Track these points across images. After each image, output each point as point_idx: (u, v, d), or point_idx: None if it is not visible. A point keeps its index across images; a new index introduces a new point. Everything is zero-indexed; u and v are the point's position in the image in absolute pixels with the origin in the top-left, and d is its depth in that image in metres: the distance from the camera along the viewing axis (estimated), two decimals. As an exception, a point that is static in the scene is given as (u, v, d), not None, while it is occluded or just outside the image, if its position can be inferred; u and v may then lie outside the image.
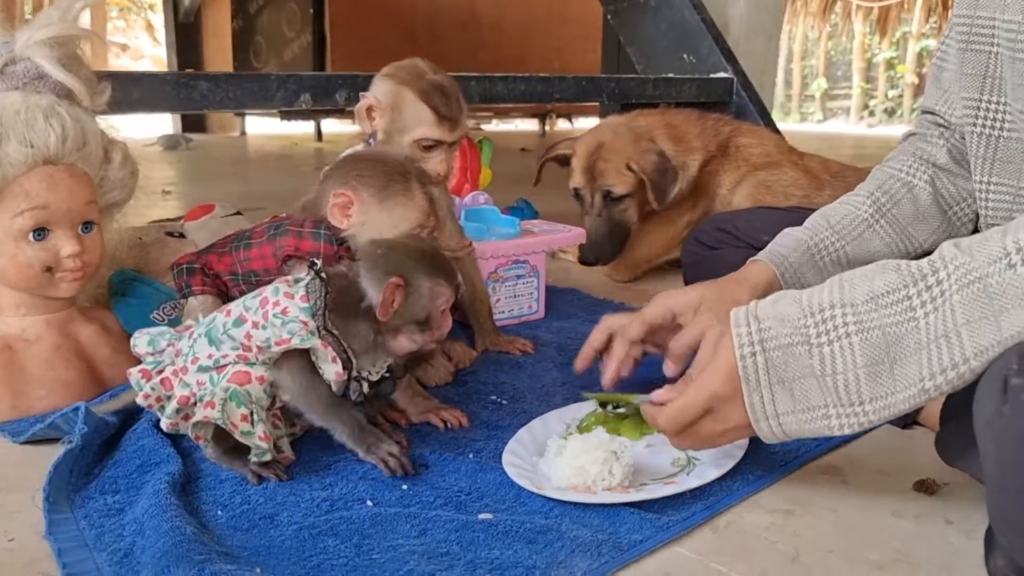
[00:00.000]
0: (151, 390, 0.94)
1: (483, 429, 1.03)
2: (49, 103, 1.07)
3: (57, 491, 0.85)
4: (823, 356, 0.72)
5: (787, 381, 0.75)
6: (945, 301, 0.67)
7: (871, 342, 0.70)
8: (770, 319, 0.75)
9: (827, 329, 0.72)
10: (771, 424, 0.77)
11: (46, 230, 1.07)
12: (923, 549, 0.80)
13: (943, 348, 0.67)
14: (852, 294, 0.72)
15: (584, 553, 0.77)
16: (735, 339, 0.76)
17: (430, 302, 0.93)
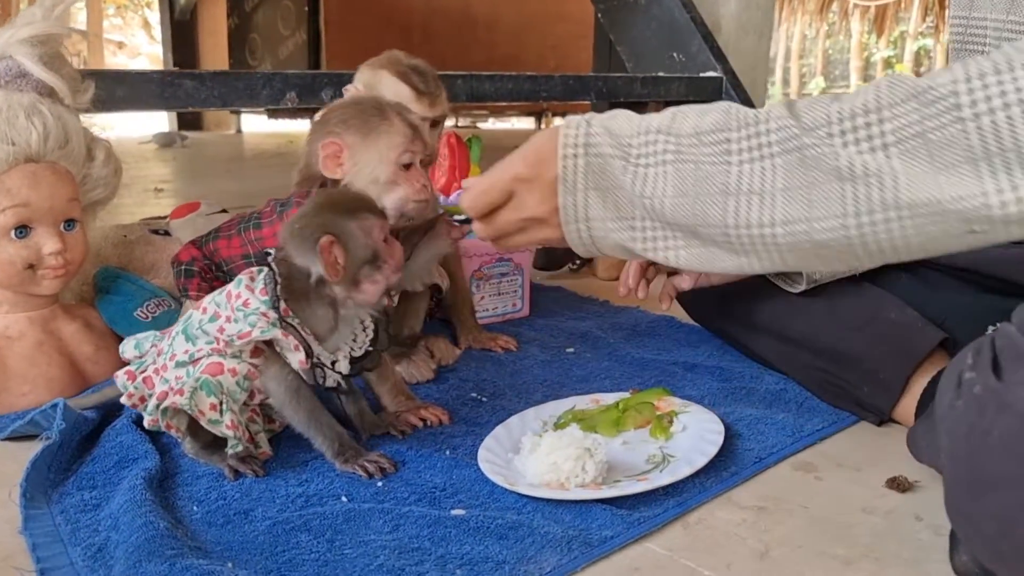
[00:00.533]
0: (135, 389, 0.95)
1: (461, 425, 1.04)
2: (31, 101, 1.08)
3: (34, 487, 0.86)
4: (636, 175, 0.74)
5: (602, 189, 0.77)
6: (764, 157, 0.68)
7: (682, 173, 0.72)
8: (601, 129, 0.77)
9: (647, 152, 0.74)
10: (580, 227, 0.79)
11: (28, 228, 1.07)
12: (891, 545, 0.81)
13: (753, 203, 0.69)
14: (680, 125, 0.73)
15: (554, 549, 0.78)
16: (562, 138, 0.78)
17: (367, 238, 0.92)
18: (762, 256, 0.72)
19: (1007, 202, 0.60)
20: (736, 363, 1.26)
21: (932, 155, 0.62)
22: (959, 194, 0.61)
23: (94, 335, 1.19)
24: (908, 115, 0.63)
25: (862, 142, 0.64)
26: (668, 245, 0.75)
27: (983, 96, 0.60)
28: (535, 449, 0.91)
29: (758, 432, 1.03)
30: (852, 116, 0.65)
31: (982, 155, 0.60)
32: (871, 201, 0.65)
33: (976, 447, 0.55)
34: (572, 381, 1.20)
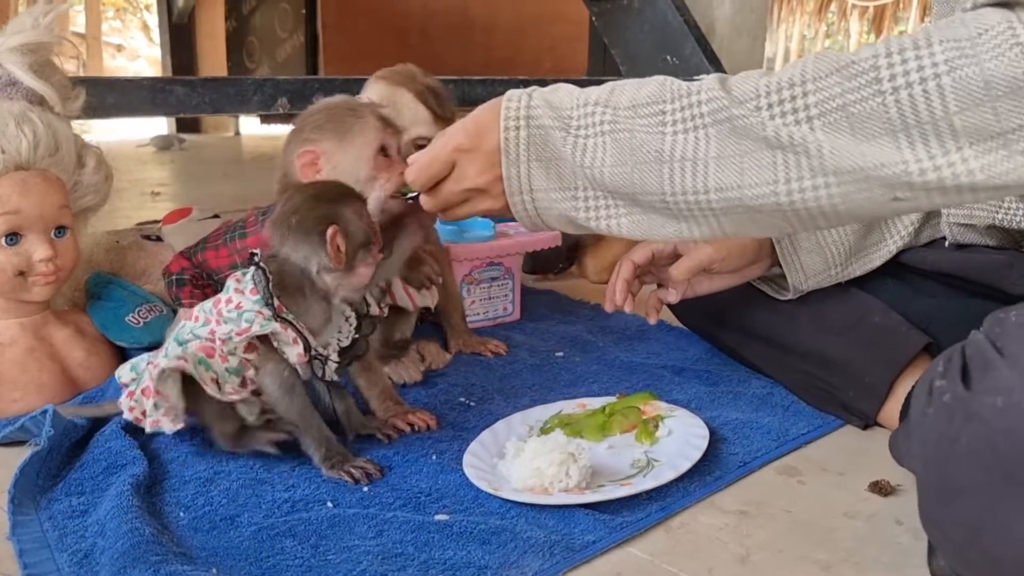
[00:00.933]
0: (135, 404, 0.95)
1: (449, 430, 1.05)
2: (21, 109, 1.08)
3: (23, 493, 0.87)
4: (576, 146, 0.76)
5: (544, 160, 0.79)
6: (698, 128, 0.71)
7: (620, 143, 0.74)
8: (541, 102, 0.78)
9: (587, 123, 0.76)
10: (524, 199, 0.80)
11: (19, 235, 1.08)
12: (871, 549, 0.82)
13: (687, 170, 0.72)
14: (618, 97, 0.76)
15: (536, 553, 0.78)
16: (503, 111, 0.79)
17: (361, 222, 0.94)
18: (700, 222, 0.75)
19: (925, 170, 0.63)
20: (724, 367, 1.27)
21: (854, 127, 0.64)
22: (880, 164, 0.64)
23: (86, 341, 1.20)
24: (831, 88, 0.65)
25: (787, 115, 0.66)
26: (610, 214, 0.78)
27: (902, 71, 0.62)
28: (519, 454, 0.91)
29: (743, 436, 1.03)
30: (778, 89, 0.67)
31: (900, 127, 0.63)
32: (800, 169, 0.67)
33: (945, 455, 0.56)
34: (560, 385, 1.21)
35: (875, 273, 1.15)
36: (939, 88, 0.61)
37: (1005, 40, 0.59)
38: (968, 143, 0.62)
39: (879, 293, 1.15)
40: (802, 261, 1.12)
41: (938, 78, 0.61)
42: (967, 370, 0.57)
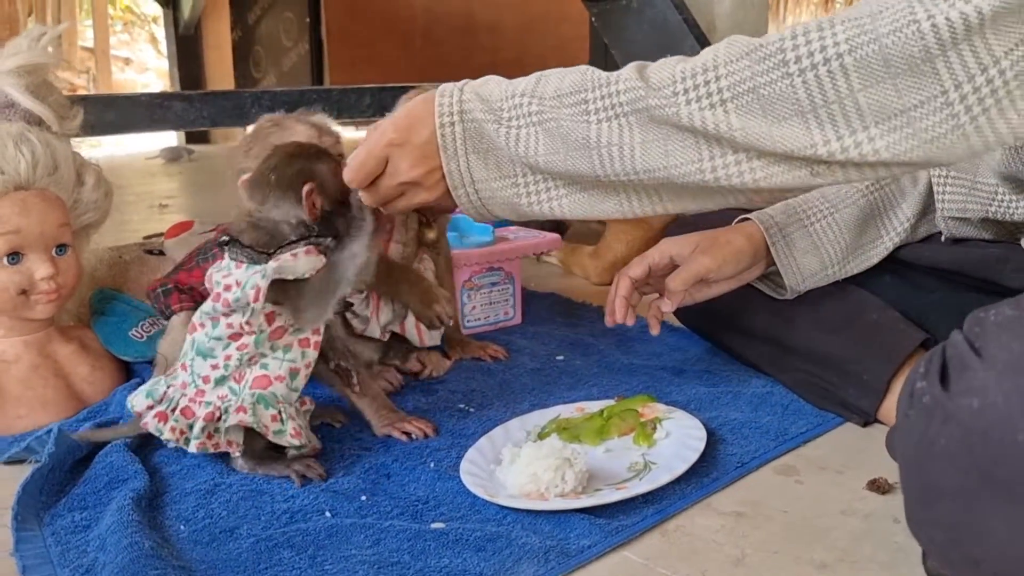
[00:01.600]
0: (175, 423, 0.95)
1: (447, 437, 1.05)
2: (19, 130, 1.10)
3: (26, 509, 0.88)
4: (509, 136, 0.79)
5: (481, 152, 0.81)
6: (619, 116, 0.73)
7: (549, 131, 0.77)
8: (473, 95, 0.81)
9: (517, 115, 0.78)
10: (468, 191, 0.83)
11: (20, 254, 1.10)
12: (868, 548, 0.82)
13: (615, 155, 0.75)
14: (544, 88, 0.78)
15: (531, 560, 0.79)
16: (437, 107, 0.81)
17: (335, 178, 0.95)
18: (640, 197, 0.78)
19: (833, 152, 0.65)
20: (724, 367, 1.27)
21: (765, 109, 0.67)
22: (792, 145, 0.66)
23: (90, 356, 1.21)
24: (741, 72, 0.67)
25: (702, 99, 0.69)
26: (551, 196, 0.80)
27: (806, 52, 0.64)
28: (515, 460, 0.92)
29: (742, 436, 1.03)
30: (693, 75, 0.69)
31: (809, 108, 0.65)
32: (721, 149, 0.70)
33: (924, 457, 0.56)
34: (560, 389, 1.21)
35: (873, 270, 1.15)
36: (842, 68, 0.63)
37: (903, 17, 0.61)
38: (873, 122, 0.64)
39: (877, 290, 1.15)
40: (798, 262, 1.11)
41: (840, 58, 0.63)
42: (946, 371, 0.57)
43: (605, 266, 1.83)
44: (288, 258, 0.93)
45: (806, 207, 1.13)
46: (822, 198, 1.13)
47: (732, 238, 1.12)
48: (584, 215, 0.81)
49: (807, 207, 1.13)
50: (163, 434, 0.96)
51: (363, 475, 0.96)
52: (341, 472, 0.97)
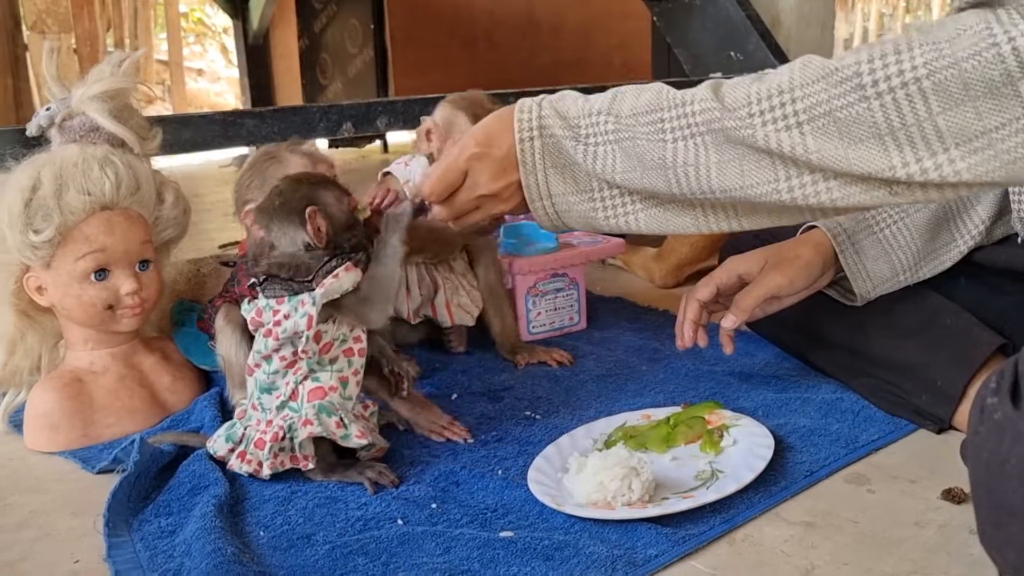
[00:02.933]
0: (251, 456, 1.00)
1: (514, 445, 1.07)
2: (104, 153, 1.15)
3: (116, 516, 0.93)
4: (587, 153, 0.80)
5: (560, 167, 0.83)
6: (694, 135, 0.75)
7: (626, 150, 0.78)
8: (552, 112, 0.82)
9: (594, 132, 0.80)
10: (545, 204, 0.85)
11: (106, 271, 1.15)
12: (942, 561, 0.80)
13: (691, 174, 0.76)
14: (620, 106, 0.79)
15: (599, 569, 0.80)
16: (516, 123, 0.83)
17: (341, 205, 1.01)
18: (717, 214, 0.79)
19: (912, 174, 0.65)
20: (792, 372, 1.25)
21: (842, 132, 0.67)
22: (870, 167, 0.67)
23: (172, 366, 1.26)
24: (817, 94, 0.68)
25: (778, 121, 0.69)
26: (628, 211, 0.82)
27: (883, 76, 0.64)
28: (582, 469, 0.93)
29: (811, 444, 1.02)
30: (768, 96, 0.70)
31: (887, 131, 0.65)
32: (797, 169, 0.71)
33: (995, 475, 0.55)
34: (626, 396, 1.22)
35: (947, 273, 1.12)
36: (920, 91, 0.63)
37: (982, 40, 0.61)
38: (954, 144, 0.64)
39: (951, 293, 1.12)
40: (868, 269, 1.10)
41: (919, 82, 0.63)
42: (1017, 387, 0.56)
43: (669, 268, 1.82)
44: (331, 280, 0.98)
45: (875, 212, 1.11)
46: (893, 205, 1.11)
47: (801, 251, 1.10)
48: (660, 230, 0.83)
49: (876, 212, 1.11)
50: (243, 470, 1.00)
51: (433, 483, 0.98)
52: (412, 480, 0.99)
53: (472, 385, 1.29)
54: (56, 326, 1.22)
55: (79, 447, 1.14)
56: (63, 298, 1.14)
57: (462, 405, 1.21)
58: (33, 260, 1.12)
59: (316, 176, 1.06)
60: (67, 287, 1.13)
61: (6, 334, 1.19)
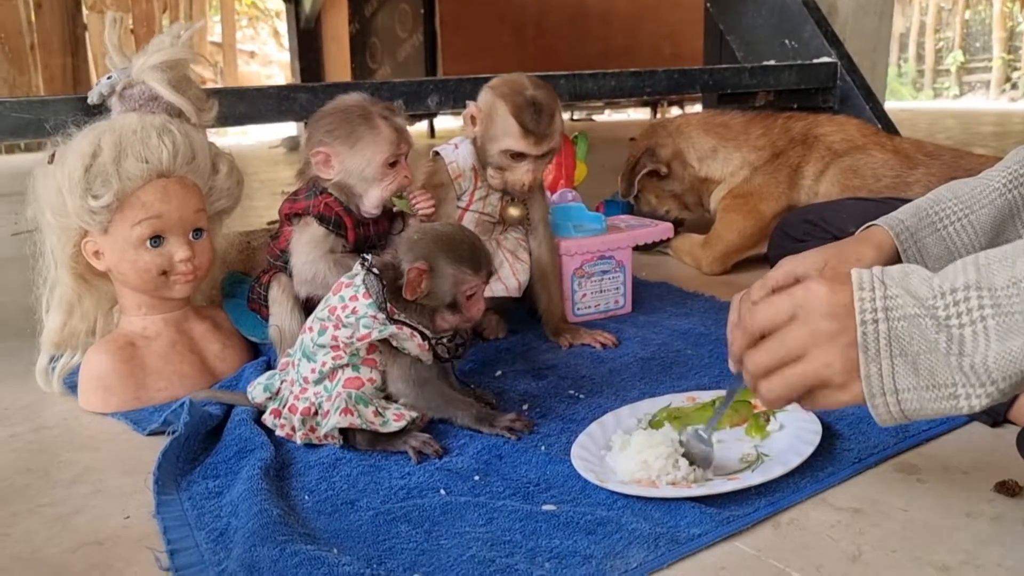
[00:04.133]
0: (284, 420, 1.04)
1: (557, 423, 1.07)
2: (162, 122, 1.17)
3: (165, 475, 0.95)
4: (951, 336, 0.66)
5: (911, 355, 0.68)
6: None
7: (1008, 326, 0.64)
8: (898, 288, 0.69)
9: (959, 311, 0.66)
10: (888, 401, 0.69)
11: (161, 237, 1.17)
12: (995, 552, 0.78)
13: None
14: (991, 278, 0.66)
15: (641, 545, 0.79)
16: (857, 303, 0.69)
17: (453, 287, 1.01)
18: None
19: None
20: (841, 360, 1.23)
21: None
22: None
23: (221, 334, 1.29)
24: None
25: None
26: (993, 396, 0.67)
27: None
28: (626, 447, 0.92)
29: (860, 432, 1.01)
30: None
31: None
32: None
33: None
34: (671, 378, 1.21)
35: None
36: None
37: None
38: None
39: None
40: (924, 254, 1.07)
41: None
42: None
43: (716, 255, 1.80)
44: (404, 333, 1.00)
45: (938, 208, 1.08)
46: (955, 198, 1.07)
47: (862, 252, 1.06)
48: None
49: (939, 208, 1.08)
50: (276, 430, 1.04)
51: (476, 456, 0.98)
52: (455, 452, 1.00)
53: (516, 363, 1.29)
54: (111, 291, 1.25)
55: (131, 409, 1.16)
56: (119, 263, 1.17)
57: (506, 383, 1.21)
58: (91, 225, 1.15)
59: (468, 249, 1.03)
60: (123, 252, 1.16)
61: (64, 297, 1.22)
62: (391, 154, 1.19)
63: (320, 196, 1.22)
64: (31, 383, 1.26)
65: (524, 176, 1.27)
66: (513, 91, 1.29)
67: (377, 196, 1.21)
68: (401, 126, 1.21)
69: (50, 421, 1.16)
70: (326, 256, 1.20)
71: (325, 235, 1.20)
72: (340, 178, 1.21)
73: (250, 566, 0.77)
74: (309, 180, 1.25)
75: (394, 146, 1.19)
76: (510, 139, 1.26)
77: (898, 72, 9.86)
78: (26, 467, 1.02)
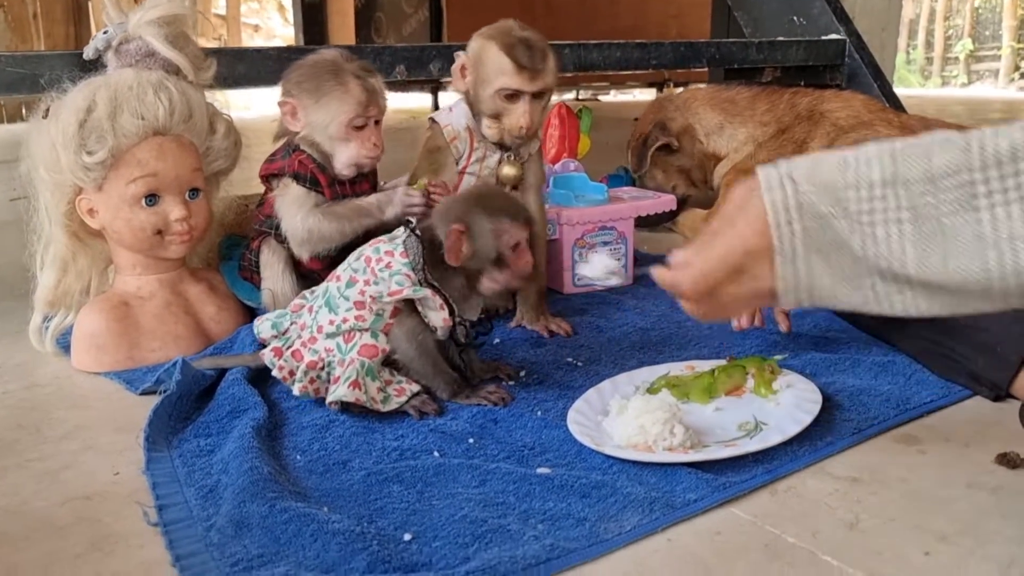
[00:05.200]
0: (284, 363, 1.03)
1: (555, 389, 1.06)
2: (158, 78, 1.16)
3: (156, 433, 0.93)
4: (865, 237, 0.65)
5: (825, 252, 0.68)
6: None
7: (924, 232, 0.63)
8: (808, 184, 0.68)
9: (872, 209, 0.65)
10: (801, 296, 0.71)
11: (157, 196, 1.16)
12: (994, 523, 0.77)
13: (1020, 250, 0.60)
14: (906, 172, 0.64)
15: (636, 509, 0.78)
16: (768, 205, 0.69)
17: (496, 241, 0.98)
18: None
19: None
20: (843, 334, 1.22)
21: None
22: None
23: (217, 297, 1.27)
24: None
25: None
26: (907, 300, 0.67)
27: None
28: (623, 412, 0.91)
29: (860, 403, 0.99)
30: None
31: None
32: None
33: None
34: (670, 348, 1.20)
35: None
36: None
37: None
38: None
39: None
40: None
41: None
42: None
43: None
44: (435, 301, 0.99)
45: None
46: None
47: None
48: (943, 314, 0.67)
49: None
50: (274, 369, 1.03)
51: (471, 419, 0.97)
52: (449, 415, 0.99)
53: (514, 331, 1.28)
54: (106, 250, 1.23)
55: (124, 369, 1.15)
56: (113, 221, 1.15)
57: (504, 350, 1.20)
58: (86, 182, 1.13)
59: (501, 202, 1.01)
60: (118, 210, 1.14)
61: (58, 255, 1.21)
62: (356, 114, 1.15)
63: (294, 154, 1.19)
64: (24, 342, 1.25)
65: (521, 118, 1.23)
66: (502, 32, 1.25)
67: (347, 157, 1.18)
68: (374, 88, 1.17)
69: (43, 379, 1.15)
70: (313, 211, 1.17)
71: (307, 193, 1.18)
72: (306, 133, 1.18)
73: (239, 522, 0.76)
74: (285, 142, 1.23)
75: (361, 107, 1.15)
76: (504, 77, 1.22)
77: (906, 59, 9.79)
78: (17, 423, 1.01)
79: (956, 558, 0.72)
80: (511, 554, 0.71)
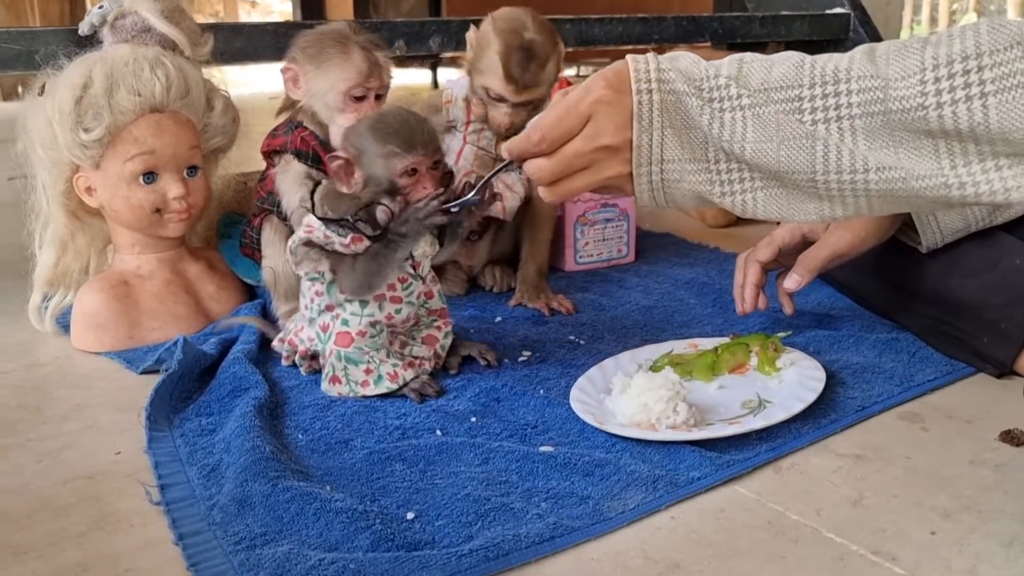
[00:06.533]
0: (288, 352, 1.06)
1: (557, 367, 1.05)
2: (155, 54, 1.14)
3: (158, 412, 0.93)
4: (713, 117, 0.70)
5: (678, 128, 0.71)
6: (842, 119, 0.66)
7: (762, 120, 0.69)
8: (670, 66, 0.71)
9: (721, 96, 0.70)
10: (653, 170, 0.73)
11: (154, 174, 1.15)
12: (997, 499, 0.77)
13: (844, 154, 0.66)
14: (748, 77, 0.70)
15: (639, 487, 0.78)
16: (632, 74, 0.71)
17: (386, 169, 0.93)
18: (847, 202, 0.69)
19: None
20: (846, 312, 1.21)
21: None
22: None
23: (216, 275, 1.26)
24: (1012, 63, 0.59)
25: (957, 90, 0.61)
26: (745, 188, 0.71)
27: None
28: (626, 389, 0.91)
29: (864, 381, 0.99)
30: (948, 63, 0.62)
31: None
32: (969, 154, 0.62)
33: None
34: (673, 326, 1.19)
35: (1020, 216, 1.06)
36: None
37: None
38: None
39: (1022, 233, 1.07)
40: (940, 221, 1.04)
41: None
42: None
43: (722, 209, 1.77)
44: (334, 239, 0.93)
45: None
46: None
47: None
48: (775, 215, 0.72)
49: None
50: (283, 359, 1.06)
51: (473, 398, 0.97)
52: (452, 394, 0.99)
53: (516, 310, 1.27)
54: (105, 229, 1.22)
55: (124, 348, 1.15)
56: (111, 199, 1.14)
57: (506, 328, 1.20)
58: (83, 159, 1.12)
59: (396, 126, 0.94)
60: (115, 188, 1.13)
61: (57, 234, 1.20)
62: (356, 84, 1.12)
63: (296, 130, 1.18)
64: (24, 322, 1.24)
65: (502, 118, 1.23)
66: (510, 29, 1.22)
67: (341, 128, 1.13)
68: (378, 60, 1.15)
69: (43, 359, 1.15)
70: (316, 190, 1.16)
71: (308, 171, 1.17)
72: (306, 101, 1.16)
73: (241, 501, 0.75)
74: (288, 117, 1.22)
75: (362, 76, 1.13)
76: (494, 79, 1.21)
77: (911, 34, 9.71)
78: (17, 403, 1.01)
79: (959, 535, 0.72)
80: (514, 532, 0.70)
